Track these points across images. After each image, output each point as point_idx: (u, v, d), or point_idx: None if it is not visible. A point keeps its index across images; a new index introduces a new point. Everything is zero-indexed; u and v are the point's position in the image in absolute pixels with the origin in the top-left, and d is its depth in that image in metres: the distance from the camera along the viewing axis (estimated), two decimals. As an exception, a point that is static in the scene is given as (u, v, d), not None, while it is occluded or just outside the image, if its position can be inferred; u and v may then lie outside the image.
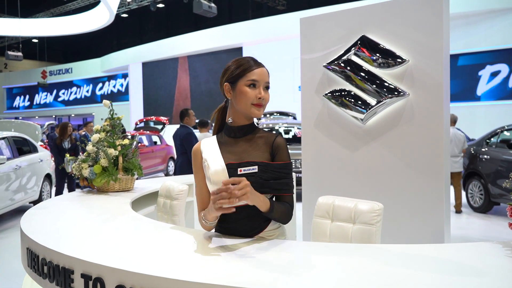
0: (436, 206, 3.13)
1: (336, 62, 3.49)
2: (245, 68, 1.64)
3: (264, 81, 1.65)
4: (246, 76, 1.63)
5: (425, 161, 3.18)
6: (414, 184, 3.22)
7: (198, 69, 21.70)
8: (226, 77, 1.67)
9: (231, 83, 1.65)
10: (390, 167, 3.34)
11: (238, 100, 1.64)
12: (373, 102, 3.32)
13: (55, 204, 2.64)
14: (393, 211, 3.25)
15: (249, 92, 1.62)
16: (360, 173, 3.46)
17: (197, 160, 1.71)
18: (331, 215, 2.04)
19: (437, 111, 3.12)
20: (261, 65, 1.67)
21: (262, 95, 1.63)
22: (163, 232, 1.83)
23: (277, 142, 1.65)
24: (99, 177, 3.04)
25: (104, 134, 3.21)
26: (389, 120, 3.33)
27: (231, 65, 1.68)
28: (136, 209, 2.96)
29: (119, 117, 3.32)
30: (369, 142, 3.42)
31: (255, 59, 1.69)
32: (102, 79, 27.42)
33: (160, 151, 11.57)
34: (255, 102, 1.62)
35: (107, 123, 3.25)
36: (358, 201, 2.03)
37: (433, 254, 1.52)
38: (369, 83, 3.33)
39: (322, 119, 3.66)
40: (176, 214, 2.69)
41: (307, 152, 3.77)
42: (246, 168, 1.59)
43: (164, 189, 2.86)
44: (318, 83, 3.65)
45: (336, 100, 3.52)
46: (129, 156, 3.21)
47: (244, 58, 1.68)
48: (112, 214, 2.33)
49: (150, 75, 23.89)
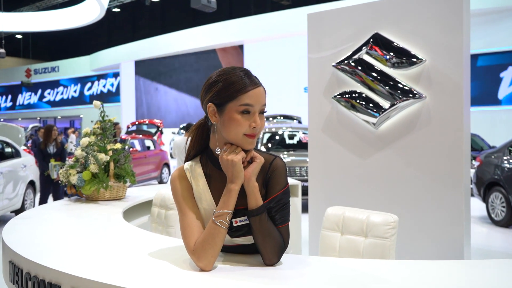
0: (455, 218, 3.12)
1: (346, 62, 3.50)
2: (238, 89, 1.42)
3: (260, 104, 1.44)
4: (239, 100, 1.42)
5: (443, 170, 3.17)
6: (432, 194, 3.22)
7: (195, 67, 21.77)
8: (210, 96, 1.46)
9: (218, 106, 1.45)
10: (405, 175, 3.34)
11: (226, 128, 1.44)
12: (386, 105, 3.32)
13: (40, 214, 2.63)
14: (408, 223, 3.23)
15: (241, 120, 1.42)
16: (372, 182, 3.46)
17: (183, 185, 1.54)
18: (341, 227, 2.03)
19: (456, 115, 3.12)
20: (257, 84, 1.45)
21: (257, 123, 1.44)
22: (158, 245, 1.83)
23: (274, 165, 1.50)
24: (88, 184, 3.04)
25: (95, 138, 3.21)
26: (404, 124, 3.33)
27: (218, 80, 1.45)
28: (128, 219, 2.95)
29: (110, 119, 3.32)
30: (382, 149, 3.42)
31: (250, 74, 1.47)
32: (91, 78, 27.52)
33: (154, 156, 11.57)
34: (248, 132, 1.44)
35: (98, 125, 3.25)
36: (370, 212, 2.02)
37: (452, 271, 1.51)
38: (382, 84, 3.33)
39: (331, 123, 3.66)
40: (172, 225, 2.68)
41: (314, 159, 3.77)
42: (241, 218, 1.47)
43: (159, 198, 2.86)
44: (327, 84, 3.65)
45: (346, 103, 3.52)
46: (121, 161, 3.21)
47: (235, 72, 1.45)
48: (103, 225, 2.33)
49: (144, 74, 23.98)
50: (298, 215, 4.29)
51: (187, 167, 1.57)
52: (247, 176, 1.45)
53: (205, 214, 1.53)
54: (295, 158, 8.12)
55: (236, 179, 1.44)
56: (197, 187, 1.54)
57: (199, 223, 1.51)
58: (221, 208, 1.44)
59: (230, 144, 1.48)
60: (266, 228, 1.44)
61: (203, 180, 1.54)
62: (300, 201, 4.38)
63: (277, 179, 1.50)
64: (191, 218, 1.50)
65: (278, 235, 1.46)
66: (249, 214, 1.45)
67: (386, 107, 3.32)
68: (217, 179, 1.54)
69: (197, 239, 1.46)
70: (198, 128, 1.59)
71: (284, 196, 1.50)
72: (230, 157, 1.44)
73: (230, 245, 1.56)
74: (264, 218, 1.44)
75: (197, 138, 1.59)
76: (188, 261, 1.55)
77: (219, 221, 1.43)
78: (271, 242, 1.45)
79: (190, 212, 1.51)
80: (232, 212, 1.45)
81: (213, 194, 1.53)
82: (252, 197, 1.45)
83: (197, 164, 1.57)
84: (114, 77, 26.51)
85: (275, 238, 1.45)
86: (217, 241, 1.43)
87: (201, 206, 1.53)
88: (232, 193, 1.44)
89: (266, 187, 1.51)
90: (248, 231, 1.48)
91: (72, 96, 28.44)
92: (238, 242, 1.54)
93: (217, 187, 1.53)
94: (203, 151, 1.61)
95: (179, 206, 1.54)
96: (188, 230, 1.48)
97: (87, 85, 27.72)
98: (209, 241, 1.43)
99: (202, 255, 1.43)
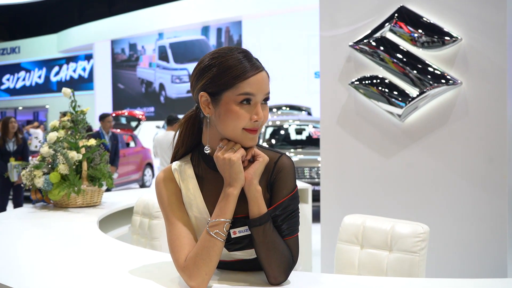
0: (497, 229, 3.12)
1: (366, 41, 3.49)
2: (236, 74, 1.41)
3: (263, 93, 1.44)
4: (237, 88, 1.41)
5: (482, 171, 3.17)
6: (468, 200, 3.22)
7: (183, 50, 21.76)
8: (203, 84, 1.45)
9: (212, 95, 1.44)
10: (437, 178, 3.34)
11: (222, 122, 1.44)
12: (414, 92, 3.32)
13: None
14: (441, 235, 3.24)
15: (240, 112, 1.42)
16: (397, 185, 3.46)
17: (170, 189, 1.54)
18: (360, 239, 2.03)
19: (498, 105, 3.12)
20: (260, 69, 1.44)
21: (259, 115, 1.43)
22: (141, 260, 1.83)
23: (280, 164, 1.50)
24: (57, 188, 3.04)
25: (64, 132, 3.21)
26: (435, 116, 3.33)
27: (212, 65, 1.44)
28: (105, 230, 2.96)
29: (82, 110, 3.32)
30: (408, 146, 3.42)
31: (250, 56, 1.47)
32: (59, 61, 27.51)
33: (134, 155, 11.58)
34: (249, 127, 1.44)
35: (68, 118, 3.25)
36: (396, 221, 2.02)
37: (495, 291, 1.51)
38: (409, 68, 3.33)
39: (347, 115, 3.66)
40: (157, 237, 2.69)
41: (327, 158, 3.77)
42: (241, 228, 1.46)
43: (141, 204, 2.86)
44: (343, 68, 3.65)
45: (366, 90, 3.52)
46: (96, 161, 3.21)
47: (232, 54, 1.44)
48: (74, 237, 2.33)
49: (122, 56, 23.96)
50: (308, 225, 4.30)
51: (175, 168, 1.57)
52: (248, 178, 1.45)
53: (197, 223, 1.53)
54: (304, 157, 8.12)
55: (234, 182, 1.44)
56: (187, 192, 1.54)
57: (190, 234, 1.50)
58: (217, 217, 1.44)
59: (227, 140, 1.48)
60: (271, 240, 1.44)
61: (194, 183, 1.54)
62: (311, 208, 4.39)
63: (284, 182, 1.50)
64: (181, 228, 1.50)
65: (285, 248, 1.46)
66: (251, 223, 1.44)
67: (413, 96, 3.32)
68: (211, 181, 1.54)
69: (188, 253, 1.46)
70: (187, 120, 1.59)
71: (292, 202, 1.49)
72: (227, 156, 1.43)
73: (228, 260, 1.56)
74: (269, 229, 1.44)
75: (187, 133, 1.59)
76: (178, 280, 1.55)
77: (214, 231, 1.43)
78: (277, 257, 1.44)
79: (179, 221, 1.51)
80: (230, 221, 1.45)
81: (206, 200, 1.53)
82: (254, 204, 1.45)
83: (187, 164, 1.57)
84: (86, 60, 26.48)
85: (281, 252, 1.45)
86: (212, 256, 1.42)
87: (192, 214, 1.53)
88: (230, 199, 1.44)
89: (270, 191, 1.51)
90: (249, 243, 1.48)
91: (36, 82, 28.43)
92: (237, 257, 1.54)
93: (212, 191, 1.53)
94: (194, 148, 1.60)
95: (166, 214, 1.53)
96: (177, 243, 1.48)
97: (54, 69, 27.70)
98: (203, 256, 1.42)
99: (194, 272, 1.42)
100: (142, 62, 23.51)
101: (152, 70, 23.04)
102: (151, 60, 23.08)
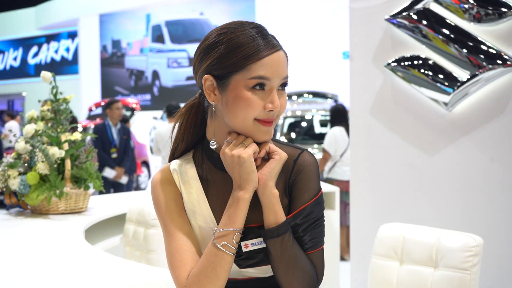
0: None
1: (406, 14, 3.47)
2: (248, 54, 1.40)
3: (279, 77, 1.43)
4: (249, 70, 1.40)
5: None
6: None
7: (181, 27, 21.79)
8: (208, 65, 1.45)
9: (218, 78, 1.44)
10: (491, 179, 3.32)
11: (230, 111, 1.43)
12: (464, 76, 3.30)
13: (-33, 233, 2.66)
14: (496, 248, 3.22)
15: (252, 99, 1.41)
16: (444, 188, 3.45)
17: (168, 193, 1.54)
18: (400, 254, 2.03)
19: None
20: (276, 47, 1.44)
21: (275, 104, 1.42)
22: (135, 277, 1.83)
23: (301, 162, 1.49)
24: (35, 191, 3.06)
25: (43, 125, 3.23)
26: (489, 105, 3.31)
27: (219, 42, 1.43)
28: (92, 241, 2.97)
29: (65, 98, 3.33)
30: (457, 140, 3.41)
31: (265, 32, 1.46)
32: (38, 40, 27.70)
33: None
34: (262, 117, 1.43)
35: (48, 107, 3.26)
36: (442, 232, 2.01)
37: None
38: (458, 46, 3.31)
39: (383, 104, 3.65)
40: (154, 250, 2.70)
41: (358, 155, 3.76)
42: (254, 241, 1.46)
43: (135, 211, 2.87)
44: (377, 47, 3.64)
45: (405, 73, 3.50)
46: (81, 159, 3.22)
47: (243, 29, 1.44)
48: (56, 249, 2.34)
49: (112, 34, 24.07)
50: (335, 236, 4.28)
51: (174, 168, 1.57)
52: (262, 179, 1.44)
53: (202, 234, 1.52)
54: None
55: (245, 184, 1.43)
56: (189, 196, 1.54)
57: (193, 247, 1.50)
58: (225, 226, 1.43)
59: (236, 133, 1.47)
60: (290, 255, 1.43)
61: (198, 186, 1.53)
62: (338, 215, 4.38)
63: (305, 184, 1.49)
64: (182, 240, 1.50)
65: (307, 264, 1.46)
66: (267, 234, 1.43)
67: (463, 80, 3.29)
68: (218, 184, 1.53)
69: (190, 269, 1.45)
70: (189, 110, 1.59)
71: (316, 208, 1.48)
72: (236, 152, 1.42)
73: (239, 278, 1.55)
74: (288, 241, 1.43)
75: (188, 125, 1.58)
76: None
77: (222, 243, 1.42)
78: (298, 275, 1.44)
79: (180, 231, 1.51)
80: (240, 231, 1.44)
81: (213, 206, 1.52)
82: (270, 211, 1.44)
83: (189, 163, 1.57)
84: (70, 39, 26.63)
85: (303, 268, 1.45)
86: (219, 273, 1.42)
87: (196, 223, 1.53)
88: (240, 204, 1.43)
89: (289, 195, 1.50)
90: (264, 259, 1.47)
91: (10, 65, 28.67)
92: (250, 275, 1.53)
93: (219, 195, 1.52)
94: (197, 144, 1.60)
95: (164, 223, 1.53)
96: (178, 258, 1.48)
97: (32, 49, 27.90)
98: (208, 273, 1.42)
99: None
100: (131, 50, 23.50)
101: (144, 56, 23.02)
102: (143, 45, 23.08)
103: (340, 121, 6.58)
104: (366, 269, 2.16)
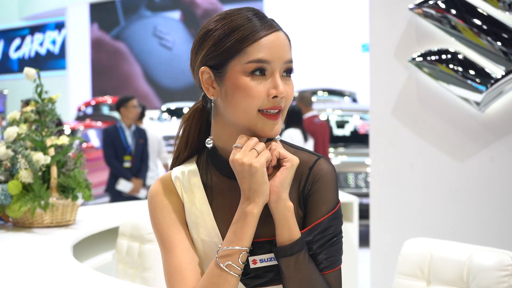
0: None
1: (433, 2, 3.46)
2: (243, 36, 1.42)
3: (281, 60, 1.44)
4: (246, 53, 1.41)
5: None
6: None
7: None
8: (204, 55, 1.47)
9: (215, 68, 1.46)
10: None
11: (230, 103, 1.44)
12: (498, 72, 3.29)
13: None
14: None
15: (251, 85, 1.41)
16: (475, 198, 3.44)
17: (168, 204, 1.54)
18: (426, 273, 2.02)
19: None
20: (275, 28, 1.45)
21: (279, 89, 1.42)
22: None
23: (317, 170, 1.49)
24: (18, 202, 3.06)
25: (27, 127, 3.23)
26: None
27: (215, 28, 1.45)
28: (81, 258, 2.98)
29: (51, 98, 3.34)
30: (490, 144, 3.40)
31: (262, 14, 1.47)
32: (21, 32, 27.85)
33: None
34: (266, 106, 1.43)
35: (31, 107, 3.27)
36: (474, 248, 2.01)
37: None
38: (492, 38, 3.30)
39: (407, 103, 3.65)
40: (150, 268, 2.71)
41: (379, 161, 3.77)
42: (264, 257, 1.46)
43: (129, 224, 2.88)
44: (400, 40, 3.64)
45: (432, 69, 3.50)
46: (68, 166, 3.22)
47: (240, 13, 1.46)
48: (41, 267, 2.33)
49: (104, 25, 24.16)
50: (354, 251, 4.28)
51: (176, 175, 1.57)
52: (274, 191, 1.42)
53: (204, 249, 1.52)
54: (347, 159, 8.14)
55: (256, 197, 1.42)
56: (191, 206, 1.53)
57: (195, 264, 1.50)
58: (230, 243, 1.42)
59: (246, 136, 1.45)
60: (305, 276, 1.42)
61: (202, 195, 1.53)
62: (357, 228, 4.37)
63: (322, 195, 1.48)
64: (182, 256, 1.50)
65: (323, 285, 1.45)
66: (280, 253, 1.43)
67: (497, 76, 3.29)
68: (224, 193, 1.53)
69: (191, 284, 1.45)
70: (193, 115, 1.59)
71: (334, 222, 1.48)
72: (248, 160, 1.40)
73: None
74: (304, 260, 1.42)
75: (193, 132, 1.59)
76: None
77: (226, 263, 1.41)
78: None
79: (180, 246, 1.50)
80: (248, 249, 1.43)
81: (218, 218, 1.52)
82: (284, 226, 1.42)
83: (192, 170, 1.56)
84: (57, 30, 26.76)
85: None
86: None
87: (198, 237, 1.53)
88: (248, 219, 1.42)
89: (304, 206, 1.49)
90: (274, 278, 1.46)
91: (-9, 60, 28.85)
92: None
93: (225, 206, 1.52)
94: (202, 149, 1.60)
95: (162, 238, 1.53)
96: (177, 277, 1.47)
97: (15, 42, 28.05)
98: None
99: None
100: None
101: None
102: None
103: (296, 123, 6.98)
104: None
